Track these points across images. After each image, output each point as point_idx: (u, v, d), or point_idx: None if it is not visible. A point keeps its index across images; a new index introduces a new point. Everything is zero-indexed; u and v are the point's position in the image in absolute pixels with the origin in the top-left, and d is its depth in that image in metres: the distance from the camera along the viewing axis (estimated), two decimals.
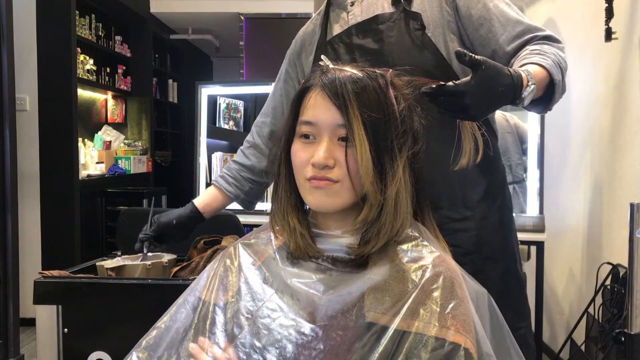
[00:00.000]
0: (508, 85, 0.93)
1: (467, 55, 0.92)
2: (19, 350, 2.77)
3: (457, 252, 1.08)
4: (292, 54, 1.38)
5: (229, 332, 0.81)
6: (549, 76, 1.02)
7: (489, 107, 0.95)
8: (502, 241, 1.19)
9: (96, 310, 1.34)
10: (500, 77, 0.93)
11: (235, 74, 4.51)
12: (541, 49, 1.08)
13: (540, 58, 1.05)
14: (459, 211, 1.15)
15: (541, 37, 1.11)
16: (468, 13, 1.14)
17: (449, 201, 1.15)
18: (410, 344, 0.71)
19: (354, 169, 0.78)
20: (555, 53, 1.08)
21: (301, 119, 0.82)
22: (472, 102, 0.90)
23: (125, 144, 4.89)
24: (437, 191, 1.12)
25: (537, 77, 1.00)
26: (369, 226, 0.79)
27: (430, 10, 1.15)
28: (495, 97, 0.93)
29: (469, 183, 1.16)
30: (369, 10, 1.19)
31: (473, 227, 1.15)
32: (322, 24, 1.28)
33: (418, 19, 1.13)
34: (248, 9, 4.49)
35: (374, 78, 0.81)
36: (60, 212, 3.54)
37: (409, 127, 0.83)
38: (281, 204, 0.86)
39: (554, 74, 1.03)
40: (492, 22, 1.13)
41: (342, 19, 1.23)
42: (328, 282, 0.80)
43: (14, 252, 2.71)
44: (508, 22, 1.12)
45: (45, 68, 3.50)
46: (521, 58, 1.07)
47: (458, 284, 0.77)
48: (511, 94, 0.94)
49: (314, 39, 1.30)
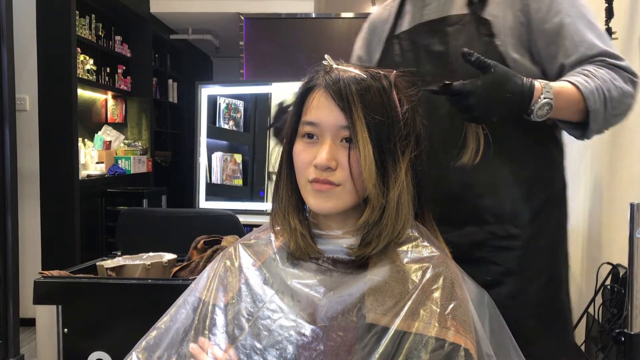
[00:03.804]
0: (516, 93, 0.91)
1: (475, 57, 0.92)
2: (19, 350, 2.77)
3: (495, 271, 1.05)
4: (363, 40, 1.30)
5: (230, 334, 0.81)
6: (583, 101, 0.95)
7: (492, 111, 0.93)
8: (550, 265, 1.09)
9: (96, 310, 1.34)
10: (508, 83, 0.92)
11: (235, 74, 4.50)
12: (593, 71, 0.99)
13: (582, 79, 0.97)
14: (505, 228, 1.06)
15: (609, 62, 1.00)
16: (541, 27, 1.04)
17: (496, 217, 1.06)
18: (411, 344, 0.71)
19: (356, 171, 0.78)
20: (609, 80, 0.98)
21: (304, 119, 0.82)
22: (476, 103, 0.90)
23: (125, 144, 4.88)
24: (484, 204, 1.06)
25: (564, 96, 0.95)
26: (370, 228, 0.79)
27: (504, 18, 1.06)
28: (500, 102, 0.92)
29: (520, 198, 1.07)
30: (444, 8, 1.11)
31: (519, 247, 1.06)
32: (397, 13, 1.19)
33: (487, 25, 1.05)
34: (248, 9, 4.49)
35: (377, 79, 0.81)
36: (60, 212, 3.54)
37: (411, 129, 0.83)
38: (282, 204, 0.86)
39: (588, 99, 0.95)
40: (564, 40, 1.02)
41: (417, 11, 1.15)
42: (328, 283, 0.80)
43: (14, 252, 2.71)
44: (582, 43, 1.02)
45: (45, 68, 3.50)
46: (566, 75, 1.00)
47: (458, 285, 0.77)
48: (517, 101, 0.92)
49: (385, 28, 1.21)
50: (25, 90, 3.45)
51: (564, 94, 0.95)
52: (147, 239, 1.83)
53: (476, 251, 1.07)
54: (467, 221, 1.07)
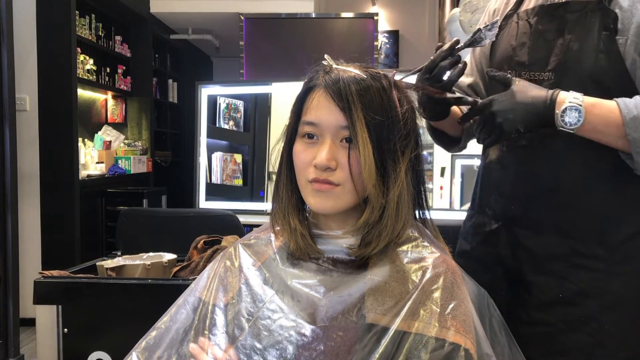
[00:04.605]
0: (539, 97, 0.89)
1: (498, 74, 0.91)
2: (19, 350, 2.77)
3: (568, 289, 0.97)
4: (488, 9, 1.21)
5: (230, 334, 0.81)
6: (623, 125, 0.88)
7: (516, 118, 0.90)
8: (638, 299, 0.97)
9: (96, 310, 1.34)
10: (532, 90, 0.91)
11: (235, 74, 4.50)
12: None
13: (634, 100, 0.89)
14: (590, 247, 0.97)
15: None
16: None
17: (582, 233, 0.98)
18: (411, 344, 0.71)
19: (356, 171, 0.78)
20: None
21: (304, 119, 0.82)
22: (498, 109, 0.90)
23: (125, 144, 4.88)
24: (568, 217, 0.99)
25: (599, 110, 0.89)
26: (370, 228, 0.79)
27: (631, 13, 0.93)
28: (522, 106, 0.90)
29: (611, 217, 0.97)
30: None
31: (602, 269, 0.96)
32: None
33: (613, 18, 0.93)
34: (248, 9, 4.49)
35: (377, 79, 0.81)
36: (60, 212, 3.54)
37: (411, 129, 0.83)
38: (282, 203, 0.86)
39: (627, 123, 0.87)
40: None
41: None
42: (328, 283, 0.80)
43: (14, 252, 2.71)
44: None
45: (45, 68, 3.50)
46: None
47: (458, 285, 0.77)
48: (542, 106, 0.89)
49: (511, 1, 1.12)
50: (25, 90, 3.45)
51: (598, 108, 0.89)
52: (147, 239, 1.83)
53: (552, 264, 1.00)
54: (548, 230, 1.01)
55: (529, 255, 1.03)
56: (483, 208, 1.14)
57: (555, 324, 0.99)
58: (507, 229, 1.06)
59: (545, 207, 1.01)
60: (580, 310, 0.97)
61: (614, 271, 0.96)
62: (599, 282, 0.97)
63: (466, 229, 1.19)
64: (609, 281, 0.96)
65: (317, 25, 4.12)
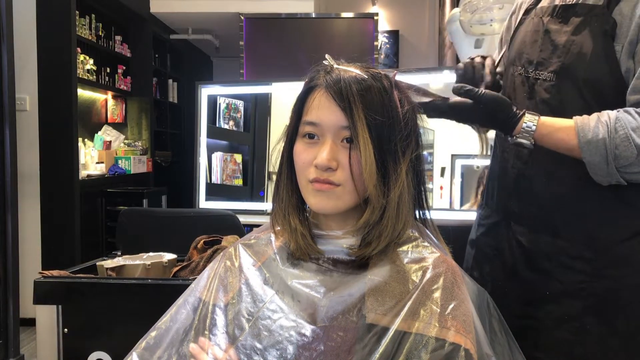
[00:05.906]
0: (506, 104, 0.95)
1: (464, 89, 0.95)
2: (19, 350, 2.76)
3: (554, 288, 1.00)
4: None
5: (230, 334, 0.81)
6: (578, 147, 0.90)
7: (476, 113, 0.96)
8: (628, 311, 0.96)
9: (96, 310, 1.34)
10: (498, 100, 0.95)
11: (235, 74, 4.49)
12: (616, 117, 0.88)
13: (595, 122, 0.89)
14: (578, 249, 0.98)
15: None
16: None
17: (572, 234, 0.99)
18: (411, 344, 0.71)
19: (357, 171, 0.78)
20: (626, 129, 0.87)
21: (305, 119, 0.82)
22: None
23: (125, 144, 4.88)
24: (561, 218, 1.00)
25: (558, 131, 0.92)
26: (371, 228, 0.79)
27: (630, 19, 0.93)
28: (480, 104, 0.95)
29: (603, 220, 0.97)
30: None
31: (588, 272, 0.97)
32: None
33: (610, 25, 0.93)
34: (248, 9, 4.49)
35: (378, 79, 0.81)
36: (60, 212, 3.54)
37: (412, 129, 0.83)
38: (282, 204, 0.86)
39: (582, 146, 0.89)
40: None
41: None
42: (329, 283, 0.80)
43: (14, 252, 2.71)
44: None
45: (45, 68, 3.50)
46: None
47: (458, 285, 0.77)
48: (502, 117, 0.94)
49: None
50: (25, 90, 3.44)
51: (550, 123, 0.93)
52: (147, 239, 1.83)
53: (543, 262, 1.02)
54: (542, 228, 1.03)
55: (523, 252, 1.05)
56: (488, 200, 1.18)
57: (542, 320, 1.02)
58: (507, 223, 1.09)
59: (540, 206, 1.03)
60: (564, 309, 1.00)
61: (600, 274, 0.97)
62: (583, 284, 0.98)
63: (477, 218, 1.23)
64: (593, 284, 0.97)
65: (317, 25, 4.12)
